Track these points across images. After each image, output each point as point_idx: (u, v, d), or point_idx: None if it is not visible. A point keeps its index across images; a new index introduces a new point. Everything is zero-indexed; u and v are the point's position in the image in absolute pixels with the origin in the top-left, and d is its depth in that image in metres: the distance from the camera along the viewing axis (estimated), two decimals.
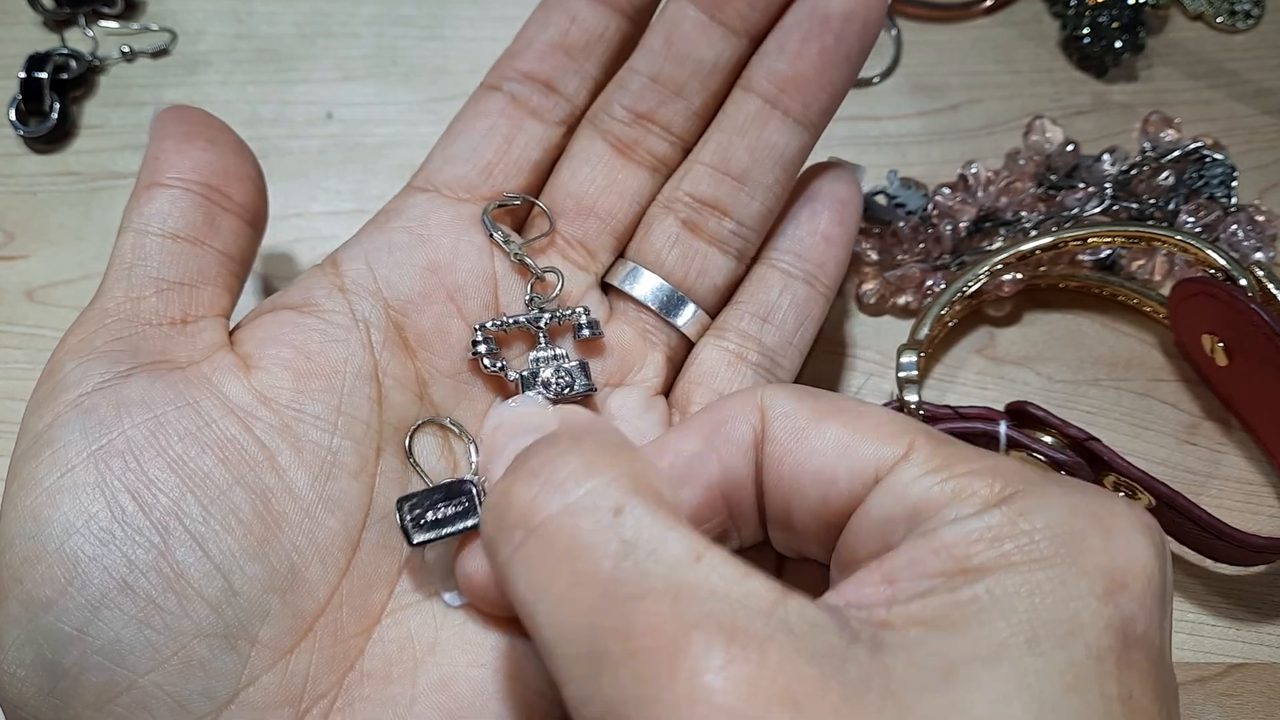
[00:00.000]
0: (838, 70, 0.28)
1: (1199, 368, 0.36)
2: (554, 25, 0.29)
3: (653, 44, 0.29)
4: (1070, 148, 0.39)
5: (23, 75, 0.40)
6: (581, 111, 0.29)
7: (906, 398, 0.33)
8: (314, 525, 0.23)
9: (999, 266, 0.35)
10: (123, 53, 0.42)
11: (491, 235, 0.27)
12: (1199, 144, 0.39)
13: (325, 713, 0.22)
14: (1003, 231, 0.37)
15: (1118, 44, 0.41)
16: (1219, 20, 0.43)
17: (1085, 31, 0.42)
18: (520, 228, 0.29)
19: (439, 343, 0.27)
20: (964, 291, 0.35)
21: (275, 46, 0.42)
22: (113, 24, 0.42)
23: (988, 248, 0.37)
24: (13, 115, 0.39)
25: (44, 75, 0.40)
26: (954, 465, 0.19)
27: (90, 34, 0.42)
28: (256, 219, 0.27)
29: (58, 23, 0.42)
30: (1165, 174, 0.38)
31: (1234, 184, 0.39)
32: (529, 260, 0.28)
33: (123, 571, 0.21)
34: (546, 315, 0.28)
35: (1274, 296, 0.33)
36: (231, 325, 0.27)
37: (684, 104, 0.29)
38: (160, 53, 0.42)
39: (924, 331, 0.34)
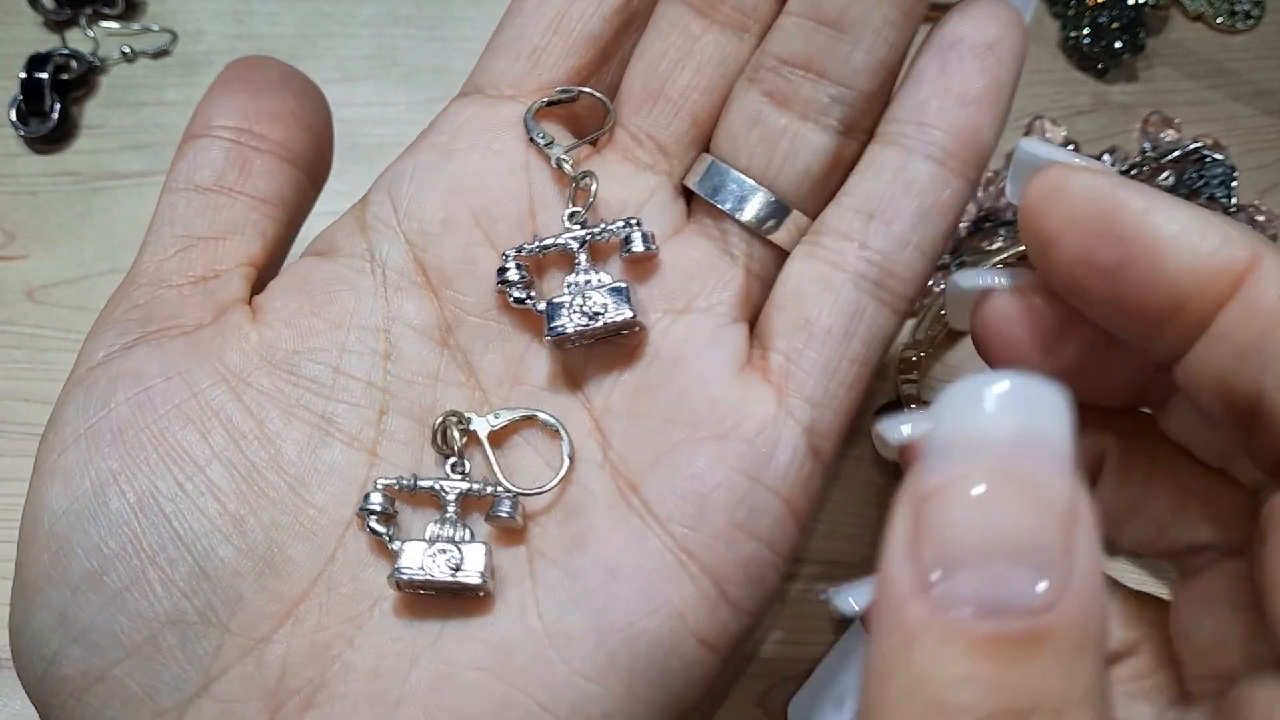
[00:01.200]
0: None
1: None
2: None
3: None
4: (1070, 148, 0.39)
5: (23, 75, 0.40)
6: None
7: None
8: (299, 501, 0.21)
9: (999, 266, 0.35)
10: (123, 53, 0.42)
11: (532, 138, 0.23)
12: (1199, 144, 0.39)
13: (302, 708, 0.21)
14: (1003, 231, 0.38)
15: (1118, 44, 0.41)
16: (1219, 20, 0.43)
17: (1085, 32, 0.42)
18: (598, 127, 0.24)
19: (465, 277, 0.23)
20: None
21: (275, 47, 0.43)
22: (113, 24, 0.42)
23: (988, 247, 0.37)
24: (13, 115, 0.39)
25: (45, 75, 0.40)
26: None
27: (91, 34, 0.42)
28: (302, 157, 0.25)
29: (58, 23, 0.42)
30: (1165, 174, 0.38)
31: (1234, 184, 0.39)
32: (567, 166, 0.23)
33: (96, 556, 0.20)
34: (585, 231, 0.23)
35: None
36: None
37: None
38: (161, 53, 0.42)
39: (924, 331, 0.34)
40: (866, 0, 0.22)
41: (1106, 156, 0.39)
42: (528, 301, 0.22)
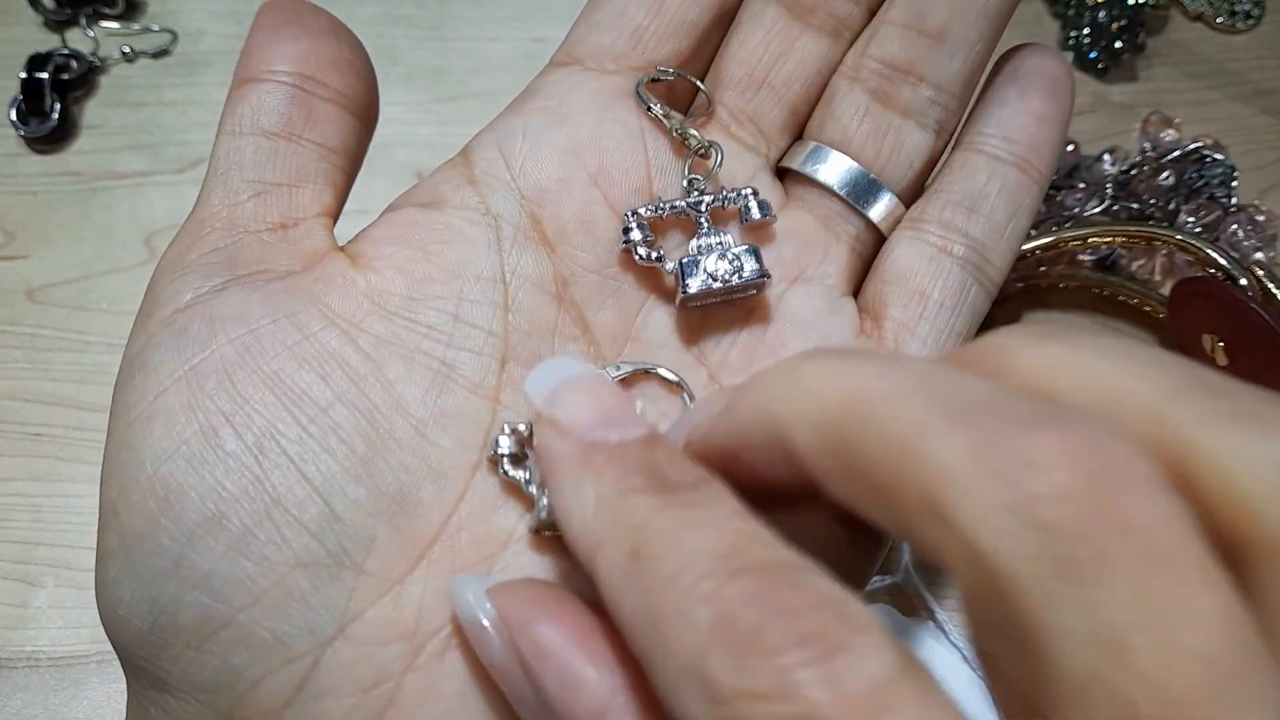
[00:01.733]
0: None
1: None
2: None
3: None
4: (1070, 148, 0.39)
5: (24, 75, 0.40)
6: None
7: None
8: (425, 443, 0.21)
9: None
10: (123, 53, 0.42)
11: (649, 108, 0.24)
12: (1199, 144, 0.39)
13: (443, 648, 0.20)
14: None
15: (1118, 44, 0.41)
16: (1219, 20, 0.43)
17: (1085, 31, 0.42)
18: (684, 110, 0.26)
19: (582, 235, 0.24)
20: None
21: None
22: (113, 24, 0.42)
23: None
24: (13, 115, 0.39)
25: (45, 75, 0.40)
26: None
27: (91, 34, 0.42)
28: (359, 106, 0.25)
29: (58, 23, 0.42)
30: (1165, 174, 0.38)
31: (1234, 184, 0.39)
32: (694, 133, 0.24)
33: (215, 499, 0.20)
34: (709, 197, 0.24)
35: (1274, 296, 0.33)
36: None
37: None
38: (161, 53, 0.42)
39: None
40: (965, 18, 0.25)
41: (1107, 156, 0.39)
42: (654, 259, 0.23)
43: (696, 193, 0.24)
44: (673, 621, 0.14)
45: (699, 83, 0.25)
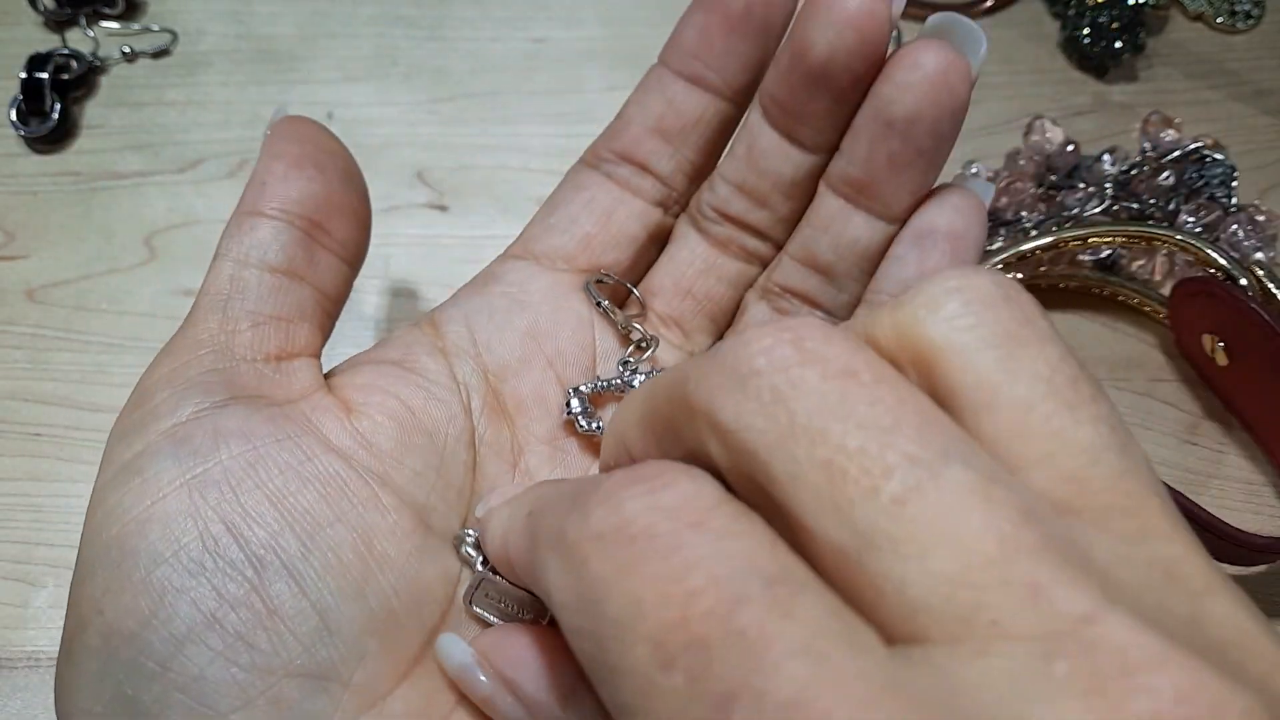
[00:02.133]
0: (914, 168, 0.26)
1: (1199, 368, 0.36)
2: (651, 108, 0.28)
3: (737, 150, 0.28)
4: (1070, 148, 0.39)
5: (24, 75, 0.40)
6: (680, 194, 0.29)
7: None
8: (416, 570, 0.23)
9: (999, 266, 0.35)
10: (123, 53, 0.42)
11: (599, 304, 0.28)
12: (1199, 144, 0.39)
13: None
14: (1003, 231, 0.38)
15: (1118, 44, 0.41)
16: (1219, 20, 0.43)
17: (1085, 32, 0.42)
18: (621, 306, 0.29)
19: (537, 409, 0.27)
20: None
21: (275, 46, 0.43)
22: (113, 24, 0.43)
23: (987, 248, 0.37)
24: (13, 115, 0.39)
25: (45, 75, 0.40)
26: None
27: (91, 34, 0.42)
28: (354, 258, 0.27)
29: (58, 23, 0.42)
30: (1165, 174, 0.38)
31: (1234, 184, 0.39)
32: (638, 326, 0.28)
33: (211, 605, 0.20)
34: (641, 375, 0.28)
35: (1274, 296, 0.33)
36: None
37: (768, 213, 0.28)
38: (161, 53, 0.42)
39: None
40: (846, 260, 0.28)
41: (1107, 156, 0.39)
42: (593, 428, 0.27)
43: (630, 371, 0.28)
44: (546, 528, 0.16)
45: (634, 288, 0.29)
